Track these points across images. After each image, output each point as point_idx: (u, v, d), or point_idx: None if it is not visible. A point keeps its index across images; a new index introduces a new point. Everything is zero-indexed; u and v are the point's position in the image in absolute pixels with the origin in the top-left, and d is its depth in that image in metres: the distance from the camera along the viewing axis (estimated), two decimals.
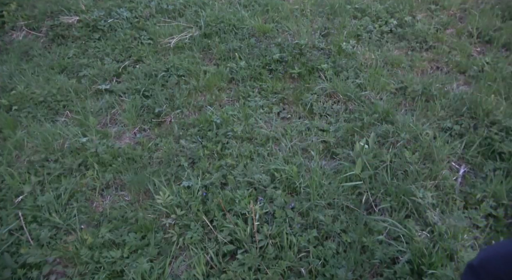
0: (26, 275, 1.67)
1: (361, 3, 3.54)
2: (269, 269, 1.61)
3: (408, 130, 2.22)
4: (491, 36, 3.05)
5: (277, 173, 1.99)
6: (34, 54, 3.20)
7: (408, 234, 1.70)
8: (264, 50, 3.01)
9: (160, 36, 3.25)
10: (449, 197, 1.87)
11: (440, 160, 2.04)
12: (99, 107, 2.63)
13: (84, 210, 1.95)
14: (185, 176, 2.06)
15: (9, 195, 2.01)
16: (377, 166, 2.02)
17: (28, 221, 1.88)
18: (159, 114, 2.53)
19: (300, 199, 1.88)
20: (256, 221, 1.73)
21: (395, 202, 1.86)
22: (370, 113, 2.38)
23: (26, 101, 2.67)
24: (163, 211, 1.88)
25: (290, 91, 2.67)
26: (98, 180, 2.10)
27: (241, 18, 3.38)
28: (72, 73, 2.99)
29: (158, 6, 3.67)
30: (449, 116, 2.35)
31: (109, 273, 1.65)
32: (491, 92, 2.45)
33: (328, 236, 1.75)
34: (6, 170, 2.14)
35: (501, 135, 2.13)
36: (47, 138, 2.31)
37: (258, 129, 2.33)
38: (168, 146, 2.25)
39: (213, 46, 3.13)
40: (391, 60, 2.84)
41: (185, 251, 1.75)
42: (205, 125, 2.38)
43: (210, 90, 2.71)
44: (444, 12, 3.45)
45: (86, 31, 3.40)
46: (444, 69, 2.82)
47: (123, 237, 1.78)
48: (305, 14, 3.48)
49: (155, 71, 2.86)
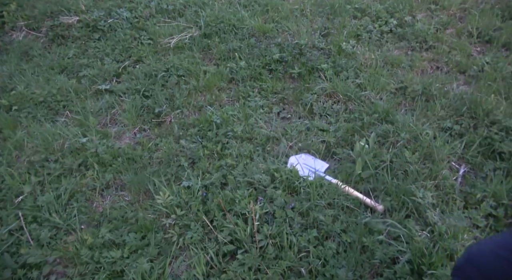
0: (26, 275, 1.67)
1: (361, 3, 3.54)
2: (269, 269, 1.61)
3: (408, 130, 2.22)
4: (491, 36, 3.05)
5: (277, 173, 1.99)
6: (34, 54, 3.20)
7: (408, 234, 1.70)
8: (264, 50, 3.01)
9: (160, 36, 3.25)
10: (449, 197, 1.87)
11: (440, 160, 2.04)
12: (99, 107, 2.63)
13: (84, 210, 1.95)
14: (185, 176, 2.06)
15: (9, 195, 2.01)
16: (377, 166, 2.02)
17: (28, 221, 1.88)
18: (159, 114, 2.53)
19: (300, 199, 1.88)
20: (256, 221, 1.73)
21: (395, 202, 1.86)
22: (370, 113, 2.38)
23: (26, 101, 2.67)
24: (163, 211, 1.88)
25: (290, 91, 2.67)
26: (98, 180, 2.10)
27: (241, 18, 3.38)
28: (72, 73, 2.99)
29: (158, 6, 3.67)
30: (449, 116, 2.35)
31: (109, 273, 1.65)
32: (491, 92, 2.45)
33: (328, 236, 1.75)
34: (6, 170, 2.14)
35: (501, 135, 2.13)
36: (47, 138, 2.31)
37: (258, 129, 2.33)
38: (168, 146, 2.25)
39: (213, 46, 3.13)
40: (391, 60, 2.84)
41: (185, 251, 1.75)
42: (205, 125, 2.38)
43: (210, 90, 2.71)
44: (444, 12, 3.45)
45: (86, 31, 3.40)
46: (444, 69, 2.82)
47: (123, 237, 1.78)
48: (305, 14, 3.48)
49: (155, 71, 2.86)
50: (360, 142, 2.11)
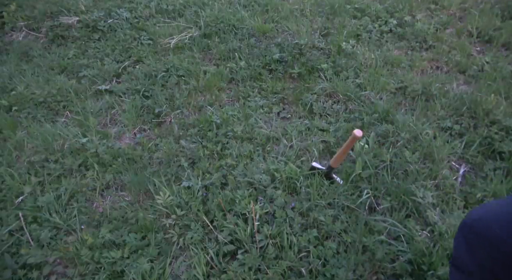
0: (26, 275, 1.67)
1: (361, 3, 3.54)
2: (270, 269, 1.61)
3: (408, 129, 2.22)
4: (491, 36, 3.05)
5: (277, 173, 1.99)
6: (34, 55, 3.20)
7: (408, 233, 1.70)
8: (264, 50, 3.01)
9: (160, 36, 3.25)
10: (449, 197, 1.87)
11: (440, 159, 2.04)
12: (99, 108, 2.63)
13: (85, 211, 1.95)
14: (185, 176, 2.06)
15: (9, 196, 2.01)
16: (377, 165, 2.02)
17: (28, 222, 1.88)
18: (159, 114, 2.53)
19: (300, 199, 1.88)
20: (256, 221, 1.73)
21: (395, 201, 1.86)
22: (370, 113, 2.38)
23: (26, 101, 2.67)
24: (163, 211, 1.88)
25: (290, 91, 2.67)
26: (98, 181, 2.10)
27: (241, 18, 3.38)
28: (72, 74, 2.99)
29: (158, 6, 3.67)
30: (449, 115, 2.35)
31: (110, 274, 1.65)
32: (491, 91, 2.45)
33: (328, 236, 1.75)
34: (6, 170, 2.14)
35: (501, 135, 2.14)
36: (47, 139, 2.31)
37: (258, 129, 2.33)
38: (168, 146, 2.25)
39: (213, 46, 3.13)
40: (391, 60, 2.84)
41: (186, 251, 1.75)
42: (205, 125, 2.38)
43: (210, 90, 2.71)
44: (444, 12, 3.45)
45: (86, 31, 3.40)
46: (444, 68, 2.82)
47: (123, 238, 1.78)
48: (305, 14, 3.48)
49: (155, 71, 2.86)
50: (360, 142, 2.11)
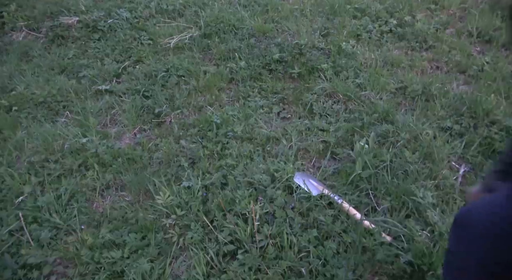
0: (26, 275, 1.67)
1: (361, 3, 3.53)
2: (270, 269, 1.61)
3: (408, 129, 2.22)
4: (491, 36, 3.05)
5: (277, 173, 1.99)
6: (34, 55, 3.20)
7: (408, 234, 1.70)
8: (264, 50, 3.01)
9: (160, 36, 3.25)
10: (449, 197, 1.87)
11: (440, 159, 2.04)
12: (99, 108, 2.63)
13: (85, 211, 1.95)
14: (185, 176, 2.06)
15: (10, 196, 2.01)
16: (377, 165, 2.02)
17: (28, 222, 1.88)
18: (159, 114, 2.53)
19: (300, 199, 1.88)
20: (256, 221, 1.73)
21: (395, 202, 1.86)
22: (370, 113, 2.38)
23: (26, 101, 2.67)
24: (163, 211, 1.88)
25: (290, 91, 2.67)
26: (98, 181, 2.10)
27: (241, 18, 3.38)
28: (72, 74, 2.99)
29: (158, 6, 3.67)
30: (449, 115, 2.35)
31: (110, 274, 1.65)
32: (491, 91, 2.45)
33: (328, 236, 1.75)
34: (6, 170, 2.14)
35: (501, 135, 2.13)
36: (47, 139, 2.31)
37: (258, 129, 2.33)
38: (168, 146, 2.25)
39: (213, 46, 3.13)
40: (391, 60, 2.84)
41: (186, 251, 1.75)
42: (205, 125, 2.38)
43: (210, 90, 2.71)
44: (444, 12, 3.45)
45: (86, 31, 3.40)
46: (444, 68, 2.82)
47: (123, 238, 1.78)
48: (305, 14, 3.48)
49: (155, 71, 2.86)
50: (360, 142, 2.11)
